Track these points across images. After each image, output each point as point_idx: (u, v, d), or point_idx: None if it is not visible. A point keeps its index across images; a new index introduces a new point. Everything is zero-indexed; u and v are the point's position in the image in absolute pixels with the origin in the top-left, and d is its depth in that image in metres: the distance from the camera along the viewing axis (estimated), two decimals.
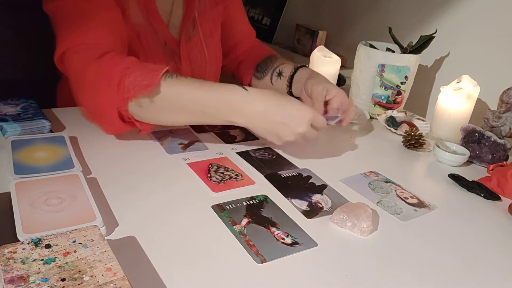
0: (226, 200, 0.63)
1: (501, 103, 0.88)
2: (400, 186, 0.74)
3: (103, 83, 0.67)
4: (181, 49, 0.92)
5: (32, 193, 0.55)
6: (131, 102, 0.67)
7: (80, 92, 0.71)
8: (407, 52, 1.07)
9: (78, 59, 0.70)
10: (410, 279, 0.52)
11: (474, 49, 1.12)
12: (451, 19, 1.17)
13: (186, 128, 0.86)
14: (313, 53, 1.14)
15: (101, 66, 0.67)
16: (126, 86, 0.65)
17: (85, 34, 0.71)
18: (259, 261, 0.51)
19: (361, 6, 1.47)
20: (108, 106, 0.68)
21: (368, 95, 1.07)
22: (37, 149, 0.67)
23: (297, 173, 0.74)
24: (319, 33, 1.58)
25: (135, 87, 0.65)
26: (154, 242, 0.52)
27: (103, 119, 0.72)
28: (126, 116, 0.70)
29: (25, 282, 0.38)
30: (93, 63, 0.68)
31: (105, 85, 0.66)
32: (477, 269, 0.55)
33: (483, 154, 0.87)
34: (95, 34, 0.72)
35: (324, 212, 0.63)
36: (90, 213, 0.52)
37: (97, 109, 0.70)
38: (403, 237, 0.60)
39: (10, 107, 0.76)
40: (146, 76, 0.66)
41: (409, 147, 0.91)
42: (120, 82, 0.66)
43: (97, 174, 0.65)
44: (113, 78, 0.66)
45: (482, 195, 0.74)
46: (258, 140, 0.85)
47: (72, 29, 0.72)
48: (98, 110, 0.70)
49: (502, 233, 0.65)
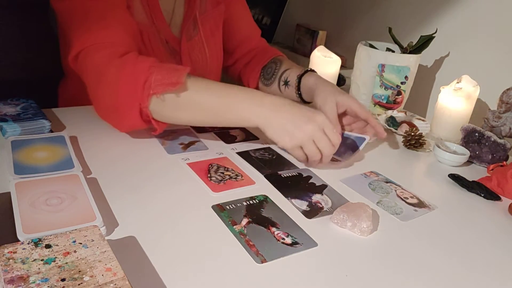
0: (226, 200, 0.63)
1: (501, 103, 0.88)
2: (400, 186, 0.74)
3: (127, 80, 0.69)
4: (182, 48, 0.92)
5: (32, 193, 0.55)
6: (155, 98, 0.69)
7: (100, 89, 0.73)
8: (407, 52, 1.07)
9: (98, 57, 0.71)
10: (410, 279, 0.52)
11: (474, 49, 1.12)
12: (451, 19, 1.17)
13: (186, 128, 0.86)
14: (313, 53, 1.14)
15: (124, 64, 0.70)
16: (152, 82, 0.68)
17: (100, 33, 0.73)
18: (259, 261, 0.51)
19: (361, 6, 1.47)
20: (130, 102, 0.69)
21: (368, 95, 1.07)
22: (37, 149, 0.67)
23: (297, 173, 0.74)
24: (319, 33, 1.58)
25: (162, 84, 0.68)
26: (154, 242, 0.52)
27: (121, 115, 0.73)
28: (145, 114, 0.71)
29: (25, 282, 0.38)
30: (114, 61, 0.70)
31: (129, 82, 0.69)
32: (477, 269, 0.55)
33: (483, 154, 0.87)
34: (110, 33, 0.73)
35: (324, 212, 0.63)
36: (90, 213, 0.52)
37: (116, 105, 0.71)
38: (403, 237, 0.60)
39: (10, 107, 0.76)
40: (173, 74, 0.68)
41: (409, 147, 0.91)
42: (147, 79, 0.68)
43: (97, 174, 0.65)
44: (138, 76, 0.68)
45: (482, 195, 0.74)
46: (258, 140, 0.85)
47: (85, 28, 0.73)
48: (117, 107, 0.71)
49: (502, 233, 0.65)
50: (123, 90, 0.69)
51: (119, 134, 0.79)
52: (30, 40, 1.06)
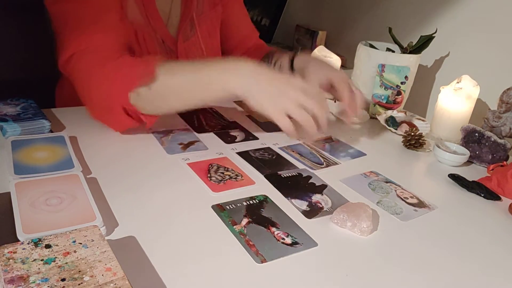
0: (226, 200, 0.63)
1: (501, 103, 0.88)
2: (400, 186, 0.74)
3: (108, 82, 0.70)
4: (179, 48, 0.92)
5: (32, 193, 0.55)
6: (132, 94, 0.69)
7: (91, 92, 0.74)
8: (407, 52, 1.07)
9: (88, 61, 0.72)
10: (410, 279, 0.52)
11: (474, 49, 1.12)
12: (451, 19, 1.17)
13: (186, 128, 0.86)
14: (313, 53, 1.14)
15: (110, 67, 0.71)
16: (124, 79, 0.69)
17: (93, 37, 0.73)
18: (259, 261, 0.51)
19: (361, 6, 1.47)
20: (113, 102, 0.71)
21: (368, 95, 1.07)
22: (37, 149, 0.67)
23: (297, 173, 0.74)
24: (319, 33, 1.58)
25: (132, 79, 0.69)
26: (154, 242, 0.52)
27: (111, 116, 0.74)
28: (130, 110, 0.72)
29: (25, 282, 0.38)
30: (105, 65, 0.71)
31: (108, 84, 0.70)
32: (477, 269, 0.55)
33: (483, 154, 0.87)
34: (101, 37, 0.74)
35: (324, 212, 0.63)
36: (90, 213, 0.52)
37: (105, 107, 0.73)
38: (403, 237, 0.60)
39: (10, 107, 0.76)
40: (142, 67, 0.69)
41: (409, 147, 0.91)
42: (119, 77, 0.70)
43: (97, 174, 0.65)
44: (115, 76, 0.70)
45: (482, 195, 0.74)
46: (258, 140, 0.85)
47: (78, 33, 0.74)
48: (106, 108, 0.73)
49: (502, 233, 0.65)
50: (107, 92, 0.71)
51: (119, 134, 0.79)
52: (28, 40, 1.06)
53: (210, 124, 0.89)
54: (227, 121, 0.93)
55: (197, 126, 0.88)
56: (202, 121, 0.90)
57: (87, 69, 0.72)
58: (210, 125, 0.89)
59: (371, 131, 0.99)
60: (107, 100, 0.71)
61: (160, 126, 0.84)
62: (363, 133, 0.97)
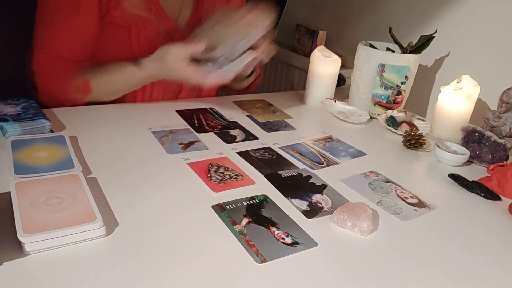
0: (226, 200, 0.63)
1: (501, 103, 0.88)
2: (400, 186, 0.74)
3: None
4: None
5: (32, 193, 0.55)
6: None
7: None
8: (407, 52, 1.07)
9: (57, 64, 0.86)
10: (410, 279, 0.52)
11: (474, 49, 1.12)
12: (451, 19, 1.17)
13: (186, 128, 0.86)
14: (313, 53, 1.14)
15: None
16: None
17: (59, 42, 0.85)
18: (259, 261, 0.51)
19: (361, 6, 1.47)
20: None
21: (368, 95, 1.07)
22: (37, 149, 0.67)
23: (297, 173, 0.74)
24: (319, 33, 1.58)
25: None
26: (154, 242, 0.52)
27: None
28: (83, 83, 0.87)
29: None
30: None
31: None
32: (477, 269, 0.55)
33: (483, 154, 0.87)
34: (67, 44, 0.86)
35: (324, 212, 0.63)
36: (90, 213, 0.52)
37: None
38: (403, 237, 0.60)
39: (10, 107, 0.76)
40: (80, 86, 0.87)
41: (409, 147, 0.91)
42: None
43: (97, 174, 0.65)
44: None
45: (482, 195, 0.74)
46: (258, 140, 0.85)
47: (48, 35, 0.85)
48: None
49: (502, 233, 0.65)
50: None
51: (119, 134, 0.79)
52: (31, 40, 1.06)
53: (210, 124, 0.89)
54: (227, 121, 0.93)
55: (197, 126, 0.88)
56: (202, 121, 0.90)
57: (43, 69, 0.86)
58: (210, 125, 0.89)
59: (371, 131, 0.99)
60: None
61: (160, 126, 0.84)
62: (363, 133, 0.97)
